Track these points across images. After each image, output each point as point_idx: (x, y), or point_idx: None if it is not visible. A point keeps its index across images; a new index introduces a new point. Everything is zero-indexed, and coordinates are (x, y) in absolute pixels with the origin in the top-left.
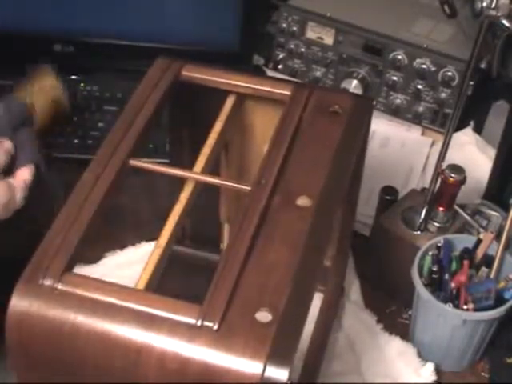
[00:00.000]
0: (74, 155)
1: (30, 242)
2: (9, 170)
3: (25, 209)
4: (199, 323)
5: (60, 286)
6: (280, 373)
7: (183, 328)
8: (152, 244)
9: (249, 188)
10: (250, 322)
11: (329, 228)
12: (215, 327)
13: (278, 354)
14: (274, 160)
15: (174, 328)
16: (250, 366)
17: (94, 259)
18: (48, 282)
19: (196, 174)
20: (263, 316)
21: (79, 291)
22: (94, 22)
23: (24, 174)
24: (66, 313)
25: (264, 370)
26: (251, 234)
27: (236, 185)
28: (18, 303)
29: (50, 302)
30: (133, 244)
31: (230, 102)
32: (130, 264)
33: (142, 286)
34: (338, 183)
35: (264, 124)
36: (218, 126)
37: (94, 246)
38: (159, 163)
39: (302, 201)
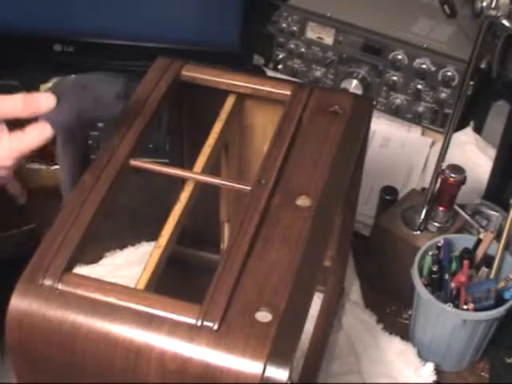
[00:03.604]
0: None
1: (29, 241)
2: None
3: None
4: (199, 323)
5: (60, 286)
6: (280, 373)
7: (183, 328)
8: (152, 244)
9: (249, 188)
10: (250, 322)
11: (329, 228)
12: (215, 327)
13: (278, 353)
14: (274, 160)
15: (173, 328)
16: (251, 366)
17: (94, 259)
18: (48, 282)
19: (196, 174)
20: (263, 316)
21: (79, 291)
22: (94, 21)
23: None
24: (66, 313)
25: (264, 369)
26: (251, 234)
27: (236, 185)
28: (18, 303)
29: (50, 301)
30: (133, 244)
31: (230, 102)
32: (129, 264)
33: (141, 286)
34: (338, 183)
35: (264, 124)
36: (217, 126)
37: (94, 246)
38: (159, 163)
39: (302, 201)
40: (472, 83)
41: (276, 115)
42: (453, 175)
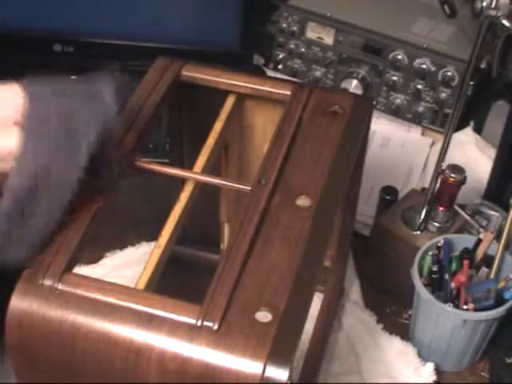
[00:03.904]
0: None
1: None
2: None
3: None
4: (199, 323)
5: (60, 286)
6: (280, 373)
7: (183, 328)
8: (152, 244)
9: (249, 188)
10: (250, 322)
11: (329, 228)
12: (215, 327)
13: (279, 353)
14: (274, 160)
15: (173, 328)
16: (250, 366)
17: (94, 259)
18: (48, 282)
19: (196, 174)
20: (263, 316)
21: (79, 291)
22: (94, 21)
23: None
24: (65, 313)
25: (264, 369)
26: (251, 234)
27: (236, 185)
28: (18, 303)
29: (50, 301)
30: (133, 244)
31: (230, 102)
32: (129, 264)
33: (141, 286)
34: (338, 183)
35: (264, 124)
36: (217, 126)
37: (93, 246)
38: (159, 163)
39: (302, 201)
40: (472, 83)
41: (276, 115)
42: (453, 175)
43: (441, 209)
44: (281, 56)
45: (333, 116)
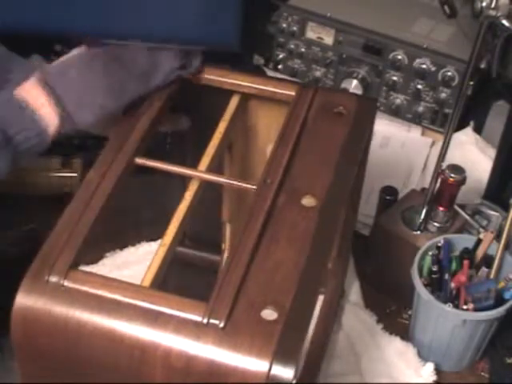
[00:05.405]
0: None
1: (29, 242)
2: None
3: None
4: (205, 321)
5: (66, 283)
6: (286, 371)
7: (189, 325)
8: (152, 244)
9: (255, 187)
10: (255, 320)
11: (334, 228)
12: (221, 325)
13: (284, 352)
14: (280, 159)
15: (179, 325)
16: (256, 365)
17: (94, 259)
18: (54, 279)
19: (202, 172)
20: (269, 314)
21: (85, 288)
22: (94, 21)
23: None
24: (71, 309)
25: (270, 368)
26: (257, 233)
27: (242, 184)
28: (24, 299)
29: (56, 298)
30: (133, 244)
31: (234, 102)
32: (129, 264)
33: (147, 283)
34: (343, 183)
35: (268, 124)
36: (222, 126)
37: (94, 246)
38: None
39: (308, 200)
40: (472, 83)
41: (280, 115)
42: (453, 175)
43: (441, 209)
44: (281, 56)
45: (337, 117)
